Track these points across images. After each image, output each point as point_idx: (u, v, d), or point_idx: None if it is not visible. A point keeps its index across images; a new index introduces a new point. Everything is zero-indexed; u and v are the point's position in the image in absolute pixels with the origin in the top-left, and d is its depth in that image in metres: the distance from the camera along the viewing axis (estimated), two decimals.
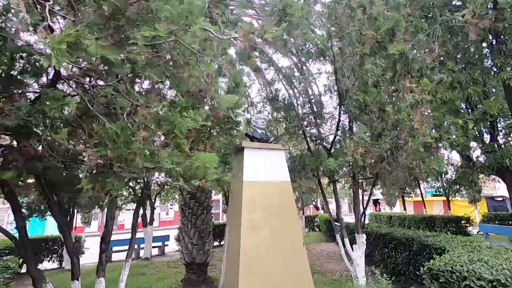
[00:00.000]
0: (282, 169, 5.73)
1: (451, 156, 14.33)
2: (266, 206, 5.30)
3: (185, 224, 8.32)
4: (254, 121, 5.99)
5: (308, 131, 7.12)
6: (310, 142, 6.74)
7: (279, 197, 5.49)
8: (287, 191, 5.63)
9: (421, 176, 6.12)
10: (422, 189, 21.55)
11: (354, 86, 4.83)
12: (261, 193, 5.33)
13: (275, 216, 5.32)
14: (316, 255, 13.10)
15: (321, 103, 6.95)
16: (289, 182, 5.70)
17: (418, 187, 19.50)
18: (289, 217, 5.48)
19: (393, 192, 19.57)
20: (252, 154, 5.53)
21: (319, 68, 12.03)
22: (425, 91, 3.75)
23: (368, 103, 5.15)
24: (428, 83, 3.81)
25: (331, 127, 7.49)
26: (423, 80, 3.80)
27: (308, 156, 6.74)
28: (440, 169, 5.05)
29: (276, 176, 5.60)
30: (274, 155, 5.74)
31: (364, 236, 6.49)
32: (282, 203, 5.48)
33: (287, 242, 5.27)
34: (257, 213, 5.16)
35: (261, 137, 5.83)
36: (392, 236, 8.14)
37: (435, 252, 5.73)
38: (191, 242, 8.07)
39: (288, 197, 5.62)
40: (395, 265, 7.72)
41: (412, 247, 6.83)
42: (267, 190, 5.42)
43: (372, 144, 4.60)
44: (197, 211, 8.32)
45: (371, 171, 5.66)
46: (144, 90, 3.90)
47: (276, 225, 5.27)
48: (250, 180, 5.31)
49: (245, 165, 5.38)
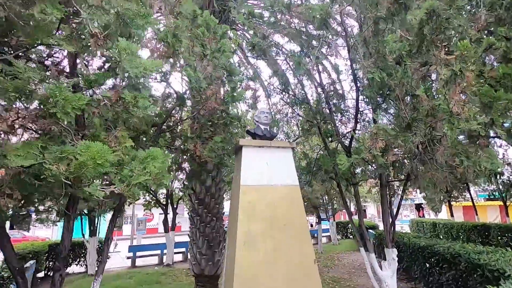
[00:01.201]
0: (289, 170, 4.86)
1: (508, 151, 12.13)
2: (268, 216, 4.46)
3: (193, 232, 7.73)
4: (257, 116, 5.20)
5: (325, 127, 6.14)
6: (326, 139, 5.77)
7: (285, 204, 4.62)
8: (294, 197, 4.74)
9: (468, 176, 4.84)
10: (473, 192, 18.96)
11: (370, 63, 3.83)
12: (262, 200, 4.50)
13: (280, 228, 4.46)
14: (346, 267, 11.81)
15: (340, 95, 5.95)
16: (297, 186, 4.81)
17: (467, 190, 17.11)
18: (297, 229, 4.57)
19: (437, 195, 17.38)
20: (252, 154, 4.74)
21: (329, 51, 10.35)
22: (465, 58, 2.68)
23: (391, 86, 4.11)
24: (470, 45, 2.73)
25: (350, 121, 6.43)
26: (463, 42, 2.73)
27: (324, 155, 5.77)
28: (493, 168, 3.83)
29: (281, 179, 4.74)
30: (278, 154, 4.89)
31: (395, 251, 5.34)
32: (289, 212, 4.60)
33: (294, 260, 4.37)
34: (257, 224, 4.34)
35: (264, 134, 5.02)
36: (433, 250, 6.79)
37: (490, 275, 4.45)
38: (199, 252, 7.44)
39: (297, 205, 4.72)
40: (439, 286, 6.37)
41: (459, 266, 5.50)
42: (269, 195, 4.58)
43: (396, 136, 3.57)
44: (206, 218, 7.69)
45: (398, 171, 4.56)
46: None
47: (281, 239, 4.40)
48: (249, 184, 4.51)
49: (243, 166, 4.61)
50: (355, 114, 5.19)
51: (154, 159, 2.36)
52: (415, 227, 19.71)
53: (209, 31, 5.25)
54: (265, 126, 5.14)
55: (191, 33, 4.99)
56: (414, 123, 4.22)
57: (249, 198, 4.44)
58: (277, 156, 4.86)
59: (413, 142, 3.93)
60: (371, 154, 3.57)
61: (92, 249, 12.20)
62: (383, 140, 3.55)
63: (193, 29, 5.04)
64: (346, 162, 3.96)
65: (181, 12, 4.97)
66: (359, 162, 3.91)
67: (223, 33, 5.34)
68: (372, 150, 3.55)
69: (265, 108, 5.39)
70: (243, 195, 4.44)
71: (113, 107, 2.41)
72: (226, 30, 5.40)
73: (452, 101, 2.97)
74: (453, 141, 3.24)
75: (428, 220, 19.37)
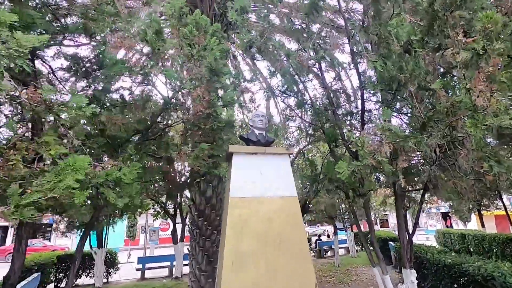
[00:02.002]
0: (286, 180, 4.31)
1: None
2: (261, 232, 3.91)
3: (192, 246, 7.26)
4: (251, 120, 4.72)
5: (331, 130, 5.53)
6: (331, 144, 5.17)
7: (281, 218, 4.06)
8: (292, 210, 4.17)
9: (500, 185, 4.11)
10: (506, 200, 17.31)
11: (373, 53, 3.27)
12: (254, 213, 3.97)
13: (275, 246, 3.89)
14: (364, 283, 10.87)
15: (344, 93, 5.36)
16: (295, 197, 4.24)
17: (499, 198, 15.60)
18: (295, 246, 3.99)
19: (464, 204, 15.99)
20: (243, 161, 4.24)
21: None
22: (489, 33, 2.07)
23: (401, 80, 3.51)
24: (495, 16, 2.11)
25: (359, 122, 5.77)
26: (486, 13, 2.13)
27: (329, 162, 5.16)
28: None
29: (277, 190, 4.19)
30: (274, 161, 4.36)
31: (414, 273, 4.59)
32: (286, 227, 4.03)
33: (291, 284, 3.77)
34: (248, 242, 3.81)
35: (258, 140, 4.52)
36: (461, 269, 5.90)
37: None
38: (198, 267, 6.95)
39: (295, 219, 4.15)
40: None
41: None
42: (263, 208, 4.04)
43: (406, 138, 2.94)
44: (206, 231, 7.21)
45: (413, 179, 3.89)
46: None
47: (276, 259, 3.83)
48: (239, 196, 4.00)
49: (232, 176, 4.12)
50: (361, 114, 4.57)
51: (76, 170, 1.91)
52: (441, 238, 18.23)
53: (200, 31, 4.89)
54: (260, 131, 4.64)
55: (178, 32, 4.64)
56: (430, 123, 3.56)
57: (239, 212, 3.92)
58: (272, 164, 4.33)
59: (428, 145, 3.28)
60: (376, 160, 2.97)
61: (99, 260, 12.01)
62: (390, 142, 2.94)
63: (181, 28, 4.67)
64: (346, 169, 3.36)
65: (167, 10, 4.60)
66: (361, 169, 3.30)
67: (214, 32, 4.95)
68: (377, 155, 2.95)
69: (260, 111, 4.89)
70: (232, 208, 3.93)
71: (32, 106, 2.01)
72: (217, 29, 5.02)
73: (475, 91, 2.35)
74: (479, 142, 2.61)
75: (456, 231, 17.85)
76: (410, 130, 4.04)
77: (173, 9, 4.76)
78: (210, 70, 4.04)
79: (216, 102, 4.01)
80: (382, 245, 14.84)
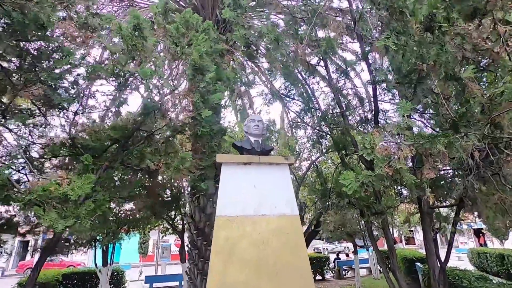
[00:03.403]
0: (285, 194, 3.61)
1: None
2: (254, 259, 3.21)
3: (191, 269, 6.57)
4: (246, 126, 4.11)
5: (342, 137, 4.81)
6: (342, 153, 4.43)
7: (278, 242, 3.34)
8: (293, 231, 3.45)
9: None
10: None
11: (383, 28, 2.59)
12: (245, 236, 3.29)
13: (271, 276, 3.17)
14: None
15: (355, 94, 4.64)
16: (296, 216, 3.52)
17: None
18: (296, 277, 3.23)
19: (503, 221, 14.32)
20: (234, 173, 3.60)
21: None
22: None
23: (422, 70, 2.81)
24: None
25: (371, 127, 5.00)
26: None
27: (340, 173, 4.41)
28: None
29: (273, 207, 3.50)
30: (270, 172, 3.70)
31: None
32: (284, 253, 3.30)
33: None
34: (237, 271, 3.11)
35: (252, 148, 3.88)
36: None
37: None
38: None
39: (296, 243, 3.41)
40: None
41: None
42: (257, 230, 3.35)
43: (433, 139, 2.20)
44: (205, 253, 6.52)
45: (440, 193, 3.08)
46: None
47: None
48: (227, 215, 3.35)
49: (220, 190, 3.48)
50: (374, 114, 3.83)
51: None
52: (476, 259, 16.41)
53: (190, 29, 4.42)
54: (256, 138, 4.01)
55: (165, 30, 4.19)
56: (462, 121, 2.80)
57: (227, 234, 3.25)
58: (268, 176, 3.66)
59: (463, 148, 2.51)
60: (393, 168, 2.23)
61: (104, 279, 11.50)
62: (412, 145, 2.20)
63: (167, 26, 4.22)
64: (354, 181, 2.63)
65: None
66: (373, 181, 2.55)
67: (204, 29, 4.47)
68: (393, 162, 2.22)
69: (255, 115, 4.27)
70: (219, 230, 3.27)
71: None
72: (208, 26, 4.54)
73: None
74: None
75: (492, 250, 16.00)
76: (436, 132, 3.26)
77: (158, 7, 4.34)
78: (193, 68, 3.51)
79: (200, 104, 3.46)
80: (408, 266, 13.43)
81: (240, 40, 4.72)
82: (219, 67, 4.62)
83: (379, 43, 2.52)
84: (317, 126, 4.86)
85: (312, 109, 5.00)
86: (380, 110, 3.90)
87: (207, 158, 3.85)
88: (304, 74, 4.72)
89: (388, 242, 4.15)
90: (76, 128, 3.45)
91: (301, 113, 5.27)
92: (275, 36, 3.70)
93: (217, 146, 3.98)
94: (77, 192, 2.20)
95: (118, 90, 3.66)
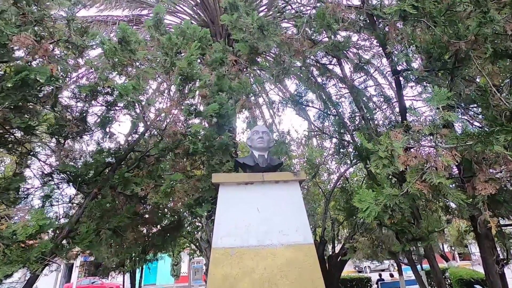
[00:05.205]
0: (296, 218, 2.98)
1: None
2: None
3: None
4: (249, 139, 3.59)
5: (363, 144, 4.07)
6: (364, 162, 3.70)
7: (289, 279, 2.69)
8: (307, 266, 2.78)
9: None
10: None
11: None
12: (247, 273, 2.70)
13: None
14: None
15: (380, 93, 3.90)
16: (310, 245, 2.86)
17: None
18: None
19: None
20: (233, 195, 3.07)
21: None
22: None
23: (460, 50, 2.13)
24: None
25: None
26: None
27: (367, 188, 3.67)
28: None
29: (281, 234, 2.89)
30: (277, 193, 3.11)
31: None
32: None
33: None
34: None
35: (256, 164, 3.33)
36: None
37: None
38: None
39: (312, 280, 2.73)
40: None
41: None
42: (261, 265, 2.74)
43: (487, 137, 1.50)
44: None
45: (502, 210, 2.25)
46: None
47: None
48: (225, 246, 2.80)
49: (217, 216, 2.95)
50: (400, 113, 3.07)
51: None
52: None
53: (186, 40, 4.11)
54: (260, 152, 3.45)
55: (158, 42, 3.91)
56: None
57: (224, 271, 2.67)
58: (274, 197, 3.06)
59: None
60: (428, 183, 1.54)
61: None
62: (454, 148, 1.52)
63: (159, 37, 3.94)
64: (373, 203, 1.92)
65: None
66: (402, 202, 1.83)
67: (201, 38, 4.13)
68: (428, 174, 1.53)
69: (259, 126, 3.76)
70: (215, 266, 2.70)
71: None
72: (204, 34, 4.21)
73: None
74: None
75: None
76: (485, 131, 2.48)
77: (151, 20, 4.10)
78: (181, 78, 3.11)
79: (191, 118, 3.02)
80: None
81: (243, 49, 4.34)
82: (221, 77, 4.21)
83: (390, 9, 1.88)
84: (336, 133, 4.19)
85: (330, 115, 4.36)
86: (408, 107, 3.16)
87: (206, 179, 3.37)
88: (317, 76, 4.13)
89: (436, 277, 3.24)
90: (63, 154, 3.18)
91: (318, 120, 4.65)
92: (273, 30, 3.22)
93: (218, 164, 3.50)
94: (26, 231, 1.82)
95: (107, 109, 3.38)
